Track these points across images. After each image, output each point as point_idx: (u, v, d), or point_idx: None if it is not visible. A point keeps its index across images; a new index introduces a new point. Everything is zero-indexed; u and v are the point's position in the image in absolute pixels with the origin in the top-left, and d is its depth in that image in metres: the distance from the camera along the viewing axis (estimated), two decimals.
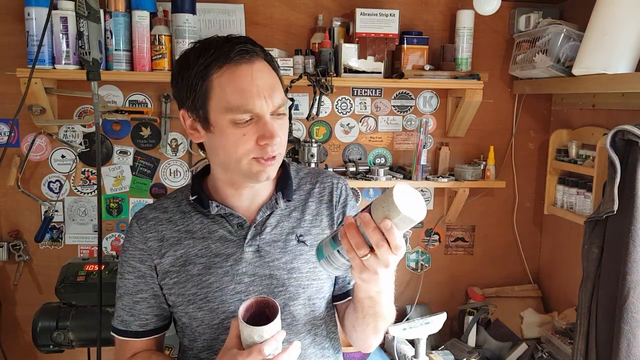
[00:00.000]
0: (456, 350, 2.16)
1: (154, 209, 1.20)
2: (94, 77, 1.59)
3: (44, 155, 2.11)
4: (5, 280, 2.14)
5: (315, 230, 1.20)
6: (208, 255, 1.14)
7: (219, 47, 1.05)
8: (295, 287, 1.15)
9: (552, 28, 1.94)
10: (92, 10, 1.55)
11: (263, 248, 1.15)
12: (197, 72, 1.05)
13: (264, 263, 1.14)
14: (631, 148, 1.57)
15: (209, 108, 1.06)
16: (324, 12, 2.15)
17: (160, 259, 1.15)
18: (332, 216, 1.23)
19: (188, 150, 2.18)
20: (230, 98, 1.03)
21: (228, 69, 1.04)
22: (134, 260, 1.17)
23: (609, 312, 1.62)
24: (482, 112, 2.22)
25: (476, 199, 2.36)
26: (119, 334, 1.20)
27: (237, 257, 1.14)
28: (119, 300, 1.20)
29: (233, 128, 1.04)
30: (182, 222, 1.17)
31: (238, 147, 1.05)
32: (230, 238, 1.15)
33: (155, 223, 1.17)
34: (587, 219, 1.72)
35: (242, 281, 1.13)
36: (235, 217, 1.15)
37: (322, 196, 1.24)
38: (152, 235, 1.16)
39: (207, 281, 1.13)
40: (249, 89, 1.03)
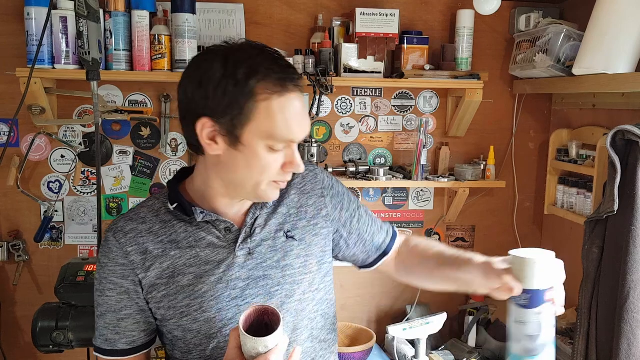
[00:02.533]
0: (456, 351, 2.16)
1: (131, 220, 1.13)
2: (94, 77, 1.59)
3: (43, 155, 2.11)
4: (4, 281, 2.14)
5: (301, 223, 1.19)
6: (198, 264, 1.10)
7: (269, 68, 1.00)
8: (290, 284, 1.14)
9: (553, 28, 1.94)
10: (92, 10, 1.55)
11: (254, 250, 1.13)
12: (244, 91, 0.99)
13: (257, 265, 1.12)
14: (631, 148, 1.57)
15: (246, 129, 1.01)
16: (324, 12, 2.15)
17: (145, 273, 1.09)
18: (317, 205, 1.22)
19: (188, 150, 2.18)
20: (277, 126, 1.01)
21: (280, 97, 1.00)
22: (114, 277, 1.10)
23: (609, 312, 1.62)
24: (482, 112, 2.22)
25: (476, 199, 2.35)
26: (104, 354, 1.14)
27: (229, 262, 1.11)
28: (100, 318, 1.13)
29: (267, 153, 1.03)
30: (164, 232, 1.11)
31: (265, 171, 1.04)
32: (219, 244, 1.11)
33: (134, 235, 1.10)
34: (588, 219, 1.72)
35: (236, 286, 1.10)
36: (222, 222, 1.11)
37: (302, 186, 1.22)
38: (133, 249, 1.10)
39: (200, 291, 1.09)
40: (295, 120, 1.03)
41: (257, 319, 0.97)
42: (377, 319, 2.40)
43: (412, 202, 2.37)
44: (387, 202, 2.35)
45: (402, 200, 2.36)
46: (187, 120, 1.05)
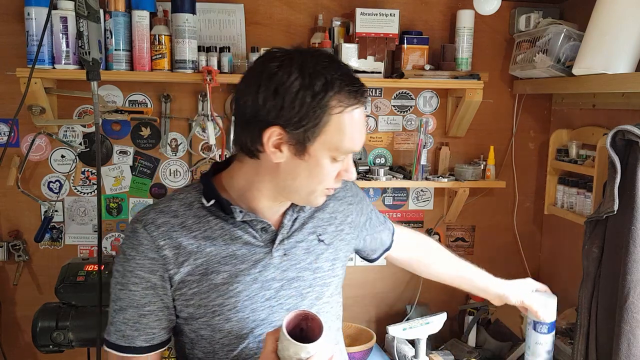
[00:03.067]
0: (456, 350, 2.16)
1: (162, 212, 1.09)
2: (94, 77, 1.59)
3: (43, 155, 2.11)
4: (4, 281, 2.13)
5: (330, 228, 1.21)
6: (233, 263, 1.08)
7: (343, 80, 1.00)
8: (320, 286, 1.17)
9: (552, 28, 1.94)
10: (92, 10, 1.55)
11: (289, 251, 1.13)
12: (320, 104, 0.98)
13: (290, 266, 1.13)
14: (631, 148, 1.57)
15: (317, 140, 1.01)
16: (324, 12, 2.15)
17: (177, 269, 1.06)
18: (345, 212, 1.26)
19: (188, 150, 2.18)
20: (345, 139, 1.02)
21: (352, 110, 1.01)
22: (141, 271, 1.06)
23: (609, 312, 1.62)
24: (482, 112, 2.22)
25: (476, 199, 2.35)
26: (119, 350, 1.09)
27: (265, 262, 1.10)
28: (118, 313, 1.10)
29: (330, 163, 1.04)
30: (197, 228, 1.08)
31: (323, 180, 1.06)
32: (255, 243, 1.10)
33: (167, 229, 1.06)
34: (587, 219, 1.72)
35: (271, 287, 1.10)
36: (259, 221, 1.10)
37: (335, 193, 1.23)
38: (165, 243, 1.06)
39: (234, 290, 1.07)
40: (360, 132, 1.05)
41: (295, 324, 0.97)
42: (377, 319, 2.40)
43: (412, 202, 2.37)
44: (387, 202, 2.35)
45: (402, 200, 2.36)
46: (253, 127, 1.02)
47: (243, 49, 2.12)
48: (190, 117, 2.15)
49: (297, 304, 1.13)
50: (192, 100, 2.15)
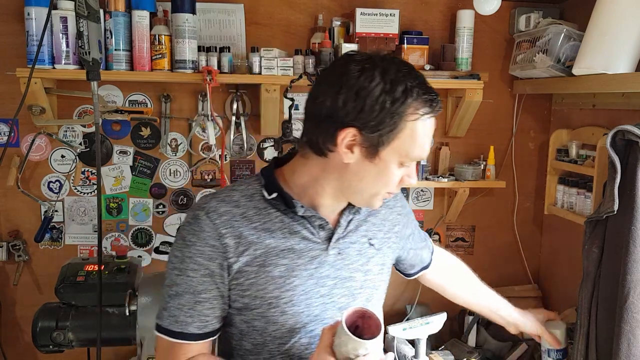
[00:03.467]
0: (456, 350, 2.16)
1: (223, 201, 1.10)
2: (94, 77, 1.59)
3: (43, 155, 2.11)
4: (4, 281, 2.14)
5: (380, 234, 1.24)
6: (291, 257, 1.09)
7: (420, 88, 1.04)
8: (371, 288, 1.20)
9: (552, 28, 1.94)
10: (92, 10, 1.55)
11: (343, 250, 1.15)
12: (399, 110, 1.00)
13: (344, 265, 1.15)
14: (631, 148, 1.57)
15: (390, 145, 1.03)
16: (324, 12, 2.15)
17: (237, 258, 1.07)
18: (393, 221, 1.29)
19: (188, 150, 2.18)
20: (416, 146, 1.05)
21: (426, 119, 1.05)
22: (201, 257, 1.07)
23: (609, 312, 1.62)
24: (482, 112, 2.22)
25: (476, 199, 2.36)
26: (171, 336, 1.09)
27: (321, 259, 1.12)
28: (173, 298, 1.09)
29: (398, 168, 1.06)
30: (257, 219, 1.09)
31: (388, 183, 1.08)
32: (313, 240, 1.12)
33: (229, 218, 1.08)
34: (587, 219, 1.72)
35: (325, 284, 1.13)
36: (318, 218, 1.12)
37: (387, 201, 1.25)
38: (227, 232, 1.07)
39: (291, 284, 1.09)
40: (426, 142, 1.07)
41: (352, 321, 0.98)
42: None
43: (412, 202, 2.37)
44: None
45: None
46: (328, 126, 1.03)
47: (243, 49, 2.12)
48: (190, 117, 2.15)
49: (348, 304, 1.15)
50: (192, 100, 2.15)
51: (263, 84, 1.99)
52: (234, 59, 2.04)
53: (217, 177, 2.22)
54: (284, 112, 2.12)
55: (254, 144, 2.23)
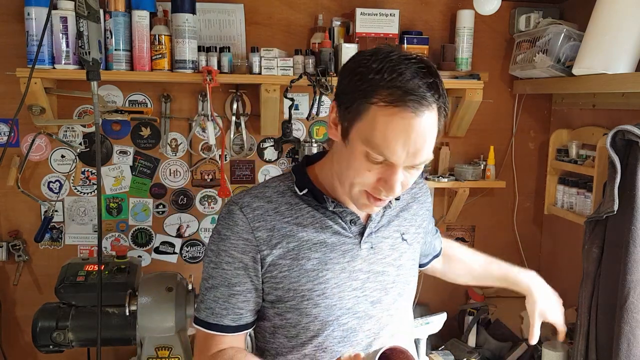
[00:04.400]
0: (456, 350, 2.16)
1: (256, 197, 1.12)
2: (94, 77, 1.59)
3: (43, 155, 2.11)
4: (4, 281, 2.13)
5: (412, 229, 1.25)
6: (323, 251, 1.11)
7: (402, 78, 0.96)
8: (403, 283, 1.20)
9: (552, 28, 1.94)
10: (92, 10, 1.55)
11: (376, 245, 1.16)
12: (365, 89, 0.97)
13: (377, 260, 1.16)
14: (631, 148, 1.57)
15: (354, 126, 0.99)
16: (324, 12, 2.15)
17: (270, 250, 1.09)
18: (422, 217, 1.29)
19: (188, 150, 2.18)
20: (377, 137, 0.96)
21: (394, 109, 0.95)
22: (235, 251, 1.09)
23: (609, 312, 1.62)
24: (482, 112, 2.22)
25: (476, 199, 2.35)
26: (207, 327, 1.13)
27: (353, 253, 1.13)
28: (210, 291, 1.12)
29: (364, 159, 0.99)
30: (290, 214, 1.11)
31: (357, 175, 1.01)
32: (345, 234, 1.13)
33: (262, 213, 1.10)
34: (587, 219, 1.72)
35: (357, 278, 1.13)
36: (349, 213, 1.12)
37: (418, 196, 1.29)
38: (260, 225, 1.09)
39: (324, 277, 1.10)
40: (397, 138, 0.96)
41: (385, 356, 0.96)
42: None
43: None
44: None
45: None
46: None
47: (243, 49, 2.12)
48: (190, 117, 2.15)
49: (381, 298, 1.16)
50: (192, 100, 2.15)
51: (263, 84, 1.99)
52: (234, 59, 2.04)
53: (217, 177, 2.22)
54: (284, 112, 2.12)
55: (254, 144, 2.23)
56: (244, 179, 2.24)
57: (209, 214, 2.24)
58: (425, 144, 1.00)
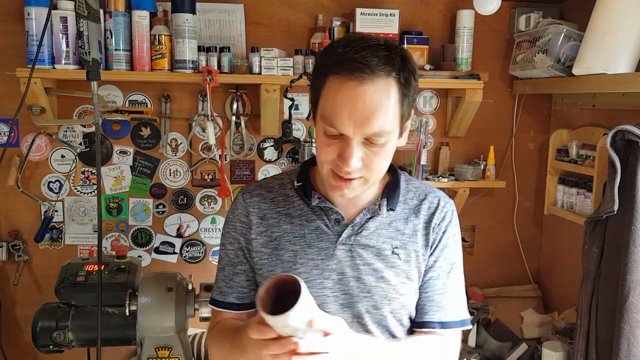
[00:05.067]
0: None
1: (260, 186, 1.22)
2: (94, 77, 1.59)
3: (43, 155, 2.11)
4: (4, 281, 2.13)
5: (411, 247, 1.15)
6: (301, 245, 1.14)
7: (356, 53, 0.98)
8: (381, 296, 1.13)
9: (552, 28, 1.94)
10: (92, 10, 1.55)
11: (356, 249, 1.13)
12: (324, 65, 1.02)
13: (354, 264, 1.12)
14: (631, 148, 1.57)
15: (317, 105, 1.05)
16: (324, 12, 2.15)
17: (256, 236, 1.16)
18: (427, 237, 1.17)
19: (188, 150, 2.18)
20: (327, 108, 1.01)
21: (340, 78, 0.99)
22: (235, 232, 1.18)
23: (609, 312, 1.62)
24: (482, 112, 2.22)
25: (476, 199, 2.35)
26: (216, 305, 1.21)
27: (329, 252, 1.13)
28: (219, 271, 1.21)
29: (323, 135, 1.03)
30: (283, 205, 1.17)
31: (322, 154, 1.05)
32: (325, 231, 1.14)
33: (259, 200, 1.18)
34: (587, 219, 1.72)
35: (330, 277, 1.12)
36: (334, 212, 1.13)
37: (426, 215, 1.18)
38: (254, 210, 1.17)
39: (296, 270, 1.12)
40: (342, 108, 0.98)
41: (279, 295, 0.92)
42: None
43: None
44: None
45: None
46: None
47: (243, 49, 2.12)
48: (190, 117, 2.15)
49: (352, 303, 1.12)
50: (192, 100, 2.15)
51: (263, 84, 1.99)
52: (234, 59, 2.04)
53: (217, 177, 2.22)
54: (284, 112, 2.12)
55: (254, 144, 2.23)
56: (244, 179, 2.24)
57: (209, 214, 2.24)
58: (374, 114, 0.99)
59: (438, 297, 1.17)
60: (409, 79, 1.02)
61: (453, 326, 1.18)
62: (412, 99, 1.05)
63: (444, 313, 1.17)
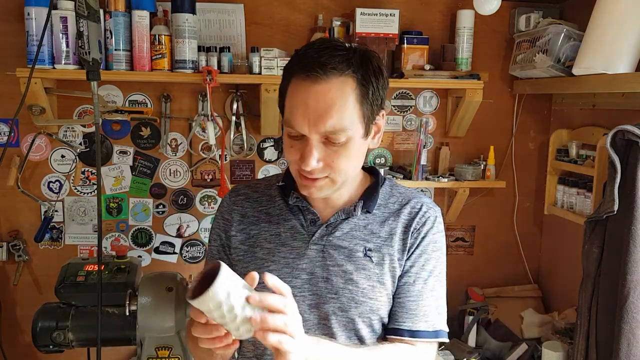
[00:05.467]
0: (456, 350, 2.16)
1: (248, 186, 1.25)
2: (94, 77, 1.59)
3: (43, 155, 2.11)
4: (4, 281, 2.13)
5: (385, 250, 1.13)
6: (275, 243, 1.15)
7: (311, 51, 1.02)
8: (348, 299, 1.10)
9: (552, 28, 1.94)
10: (92, 10, 1.55)
11: (327, 250, 1.12)
12: (287, 69, 1.06)
13: (324, 265, 1.12)
14: (631, 148, 1.57)
15: (284, 108, 1.07)
16: (324, 12, 2.15)
17: (236, 233, 1.18)
18: (405, 242, 1.13)
19: (188, 150, 2.18)
20: (287, 109, 1.05)
21: (298, 79, 1.02)
22: (218, 229, 1.22)
23: (609, 312, 1.62)
24: (482, 112, 2.22)
25: (476, 199, 2.35)
26: None
27: (300, 251, 1.13)
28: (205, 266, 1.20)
29: (287, 137, 1.07)
30: (265, 204, 1.20)
31: (287, 154, 1.08)
32: (300, 231, 1.15)
33: (243, 199, 1.22)
34: (587, 219, 1.72)
35: (299, 277, 1.12)
36: (310, 212, 1.15)
37: (405, 219, 1.15)
38: (237, 209, 1.21)
39: (267, 267, 1.13)
40: (298, 107, 1.01)
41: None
42: None
43: None
44: None
45: None
46: None
47: (243, 49, 2.12)
48: (190, 117, 2.15)
49: (318, 304, 1.11)
50: (192, 100, 2.15)
51: (263, 84, 1.99)
52: (234, 59, 2.04)
53: (217, 177, 2.22)
54: None
55: (254, 144, 2.23)
56: (244, 179, 2.24)
57: (209, 214, 2.24)
58: (327, 112, 1.00)
59: (410, 304, 1.13)
60: (368, 77, 1.03)
61: (424, 336, 1.12)
62: (377, 98, 1.05)
63: (415, 321, 1.12)
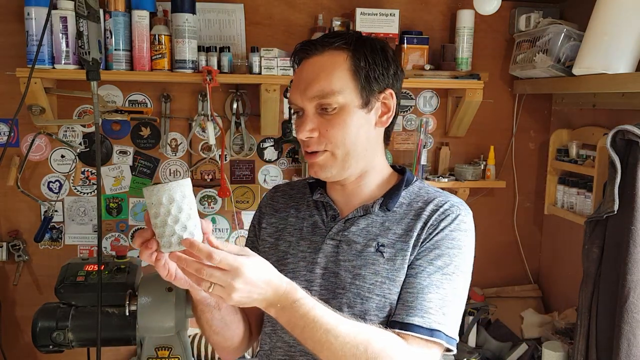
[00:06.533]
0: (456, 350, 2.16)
1: (288, 183, 1.32)
2: (94, 77, 1.59)
3: (43, 155, 2.11)
4: (4, 281, 2.13)
5: (399, 245, 1.09)
6: (297, 237, 1.18)
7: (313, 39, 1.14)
8: (354, 294, 1.08)
9: (553, 28, 1.94)
10: (92, 10, 1.55)
11: (342, 245, 1.13)
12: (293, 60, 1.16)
13: (336, 260, 1.12)
14: (631, 148, 1.57)
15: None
16: (324, 12, 2.15)
17: (267, 225, 1.23)
18: (420, 237, 1.09)
19: (188, 150, 2.18)
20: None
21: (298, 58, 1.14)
22: (254, 220, 1.28)
23: (609, 312, 1.62)
24: (482, 112, 2.22)
25: (476, 199, 2.35)
26: None
27: (317, 246, 1.15)
28: None
29: (295, 116, 1.15)
30: (297, 200, 1.24)
31: (296, 134, 1.13)
32: (319, 226, 1.17)
33: (280, 195, 1.28)
34: (588, 219, 1.72)
35: (314, 271, 1.13)
36: (331, 208, 1.17)
37: (426, 215, 1.11)
38: (272, 203, 1.26)
39: (286, 260, 1.16)
40: (294, 82, 1.12)
41: None
42: None
43: None
44: None
45: None
46: None
47: (243, 49, 2.12)
48: (190, 117, 2.15)
49: (329, 299, 1.08)
50: (192, 100, 2.15)
51: (263, 84, 1.99)
52: (234, 59, 2.04)
53: (217, 177, 2.22)
54: (284, 112, 2.12)
55: (254, 144, 2.22)
56: (244, 179, 2.24)
57: (209, 214, 2.24)
58: (316, 78, 1.07)
59: (407, 296, 1.06)
60: (361, 51, 1.08)
61: (415, 331, 1.02)
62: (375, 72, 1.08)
63: (408, 313, 1.03)
